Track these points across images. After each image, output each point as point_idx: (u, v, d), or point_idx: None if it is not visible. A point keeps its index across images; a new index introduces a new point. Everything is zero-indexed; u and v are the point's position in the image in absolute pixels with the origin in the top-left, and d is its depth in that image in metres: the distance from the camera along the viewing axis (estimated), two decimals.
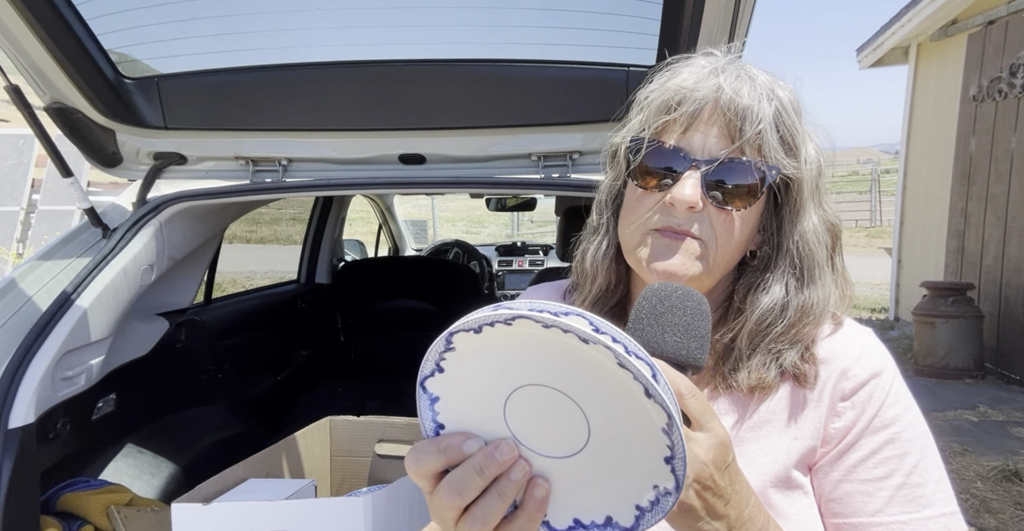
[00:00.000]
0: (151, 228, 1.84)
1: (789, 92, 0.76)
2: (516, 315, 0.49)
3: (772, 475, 0.75)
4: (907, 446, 0.74)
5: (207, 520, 1.34)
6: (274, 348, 3.25)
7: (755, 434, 0.77)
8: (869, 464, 0.74)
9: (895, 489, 0.73)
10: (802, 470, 0.77)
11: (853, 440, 0.75)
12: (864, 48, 8.02)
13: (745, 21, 1.45)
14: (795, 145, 0.75)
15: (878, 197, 19.48)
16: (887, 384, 0.76)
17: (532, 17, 1.74)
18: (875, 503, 0.73)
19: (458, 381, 0.55)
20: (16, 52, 1.57)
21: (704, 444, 0.59)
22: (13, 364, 1.46)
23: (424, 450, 0.54)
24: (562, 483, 0.55)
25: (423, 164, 1.92)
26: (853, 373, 0.77)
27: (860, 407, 0.75)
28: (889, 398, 0.76)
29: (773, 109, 0.73)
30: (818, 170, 0.77)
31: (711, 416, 0.60)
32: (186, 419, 2.34)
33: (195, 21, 1.71)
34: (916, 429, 0.76)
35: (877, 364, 0.77)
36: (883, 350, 0.80)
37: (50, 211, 9.25)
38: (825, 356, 0.79)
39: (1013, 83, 5.45)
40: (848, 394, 0.76)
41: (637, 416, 0.50)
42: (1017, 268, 5.39)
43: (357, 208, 6.61)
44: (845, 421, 0.75)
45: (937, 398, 4.96)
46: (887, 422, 0.75)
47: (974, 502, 3.30)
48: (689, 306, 0.64)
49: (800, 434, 0.76)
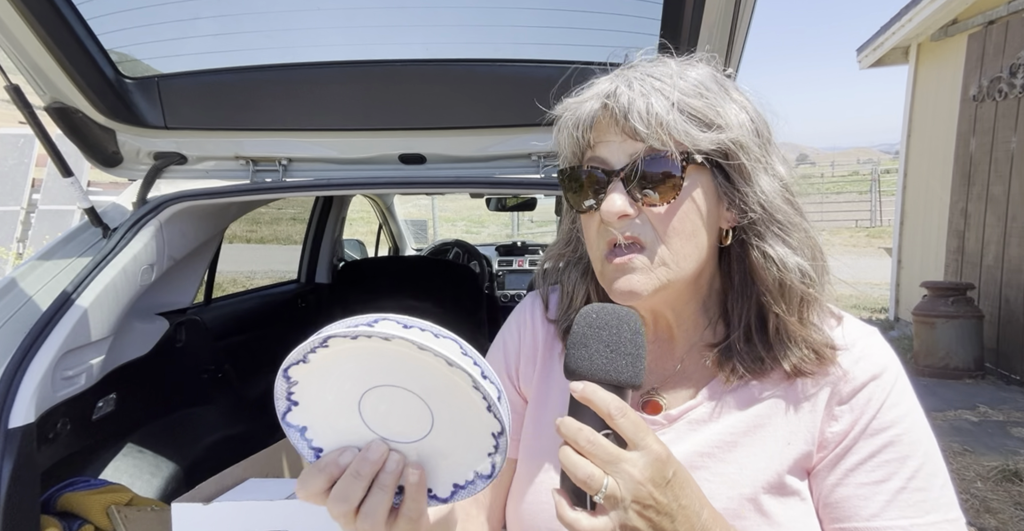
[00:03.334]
0: (151, 228, 1.84)
1: (698, 73, 0.76)
2: (326, 337, 0.59)
3: (764, 481, 0.74)
4: (908, 449, 0.73)
5: (207, 520, 1.34)
6: (274, 348, 3.25)
7: (750, 438, 0.76)
8: (867, 468, 0.73)
9: (894, 493, 0.72)
10: (798, 475, 0.75)
11: (850, 444, 0.74)
12: (864, 48, 8.01)
13: (745, 21, 1.45)
14: (710, 118, 0.73)
15: (878, 197, 19.48)
16: (887, 386, 0.74)
17: (532, 17, 1.74)
18: (872, 507, 0.72)
19: (313, 407, 0.64)
20: (16, 52, 1.57)
21: (639, 463, 0.59)
22: (13, 364, 1.46)
23: (308, 474, 0.62)
24: (433, 460, 0.65)
25: (423, 164, 1.92)
26: (852, 375, 0.75)
27: (858, 410, 0.74)
28: (889, 400, 0.74)
29: (665, 97, 0.72)
30: (754, 131, 0.76)
31: (644, 433, 0.60)
32: (186, 419, 2.34)
33: (195, 21, 1.71)
34: (918, 432, 0.74)
35: (877, 365, 0.75)
36: (886, 351, 0.77)
37: (50, 211, 9.25)
38: None
39: (1013, 83, 5.45)
40: (846, 397, 0.75)
41: (462, 399, 0.61)
42: (1017, 268, 5.38)
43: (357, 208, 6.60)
44: (842, 425, 0.74)
45: (937, 398, 4.96)
46: (886, 424, 0.73)
47: (974, 502, 3.30)
48: (615, 326, 0.65)
49: (794, 439, 0.75)
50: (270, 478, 1.66)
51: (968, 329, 5.41)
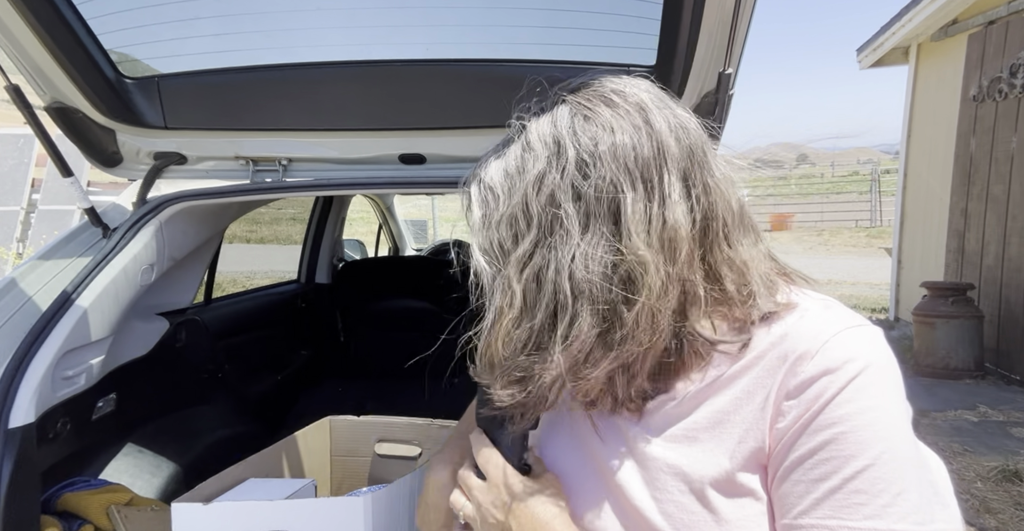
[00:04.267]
0: (151, 228, 1.84)
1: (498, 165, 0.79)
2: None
3: (712, 478, 0.72)
4: (855, 449, 0.66)
5: (207, 519, 1.34)
6: (274, 348, 3.25)
7: (709, 434, 0.74)
8: (807, 465, 0.68)
9: (828, 492, 0.67)
10: (751, 474, 0.72)
11: (792, 439, 0.69)
12: (864, 48, 8.01)
13: (745, 20, 1.45)
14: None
15: (878, 197, 19.50)
16: (842, 381, 0.68)
17: (532, 17, 1.74)
18: (802, 504, 0.68)
19: None
20: (16, 52, 1.57)
21: (483, 490, 0.81)
22: (13, 364, 1.46)
23: None
24: None
25: (423, 164, 1.92)
26: (803, 369, 0.70)
27: (805, 405, 0.69)
28: (842, 396, 0.67)
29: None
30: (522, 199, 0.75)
31: (490, 466, 0.81)
32: (186, 419, 2.34)
33: (195, 21, 1.71)
34: (875, 434, 0.67)
35: (836, 360, 0.69)
36: (856, 346, 0.70)
37: (50, 211, 9.26)
38: (779, 342, 0.73)
39: (1013, 83, 5.45)
40: (794, 392, 0.70)
41: None
42: (1017, 268, 5.38)
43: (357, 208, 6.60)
44: (788, 420, 0.70)
45: (937, 398, 4.96)
46: (832, 421, 0.67)
47: (974, 502, 3.30)
48: None
49: (748, 436, 0.72)
50: (270, 478, 1.66)
51: (968, 329, 5.40)
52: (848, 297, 9.76)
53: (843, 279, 11.45)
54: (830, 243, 17.14)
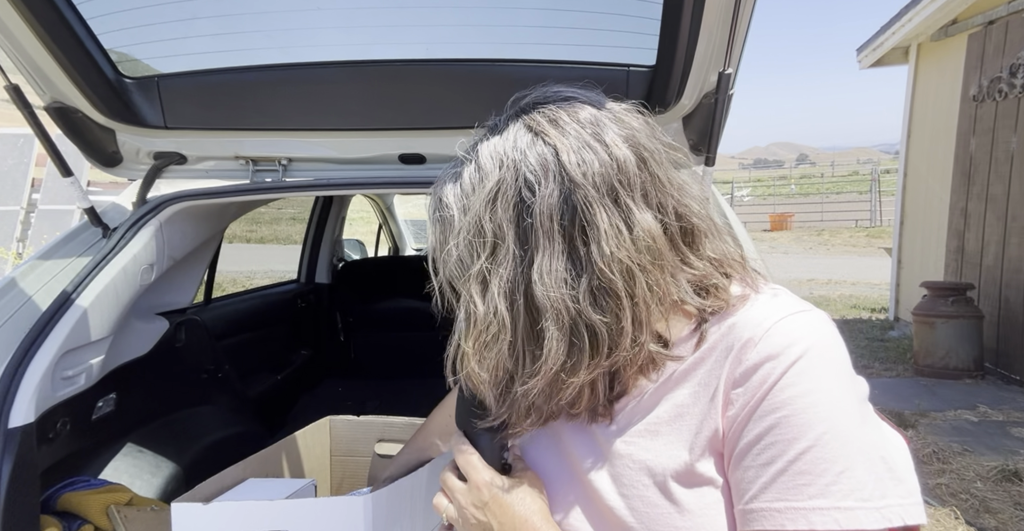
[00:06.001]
0: (151, 228, 1.84)
1: (477, 159, 0.79)
2: None
3: (673, 470, 0.74)
4: (797, 431, 0.68)
5: (207, 519, 1.34)
6: (274, 348, 3.25)
7: (670, 427, 0.76)
8: (755, 450, 0.70)
9: (774, 475, 0.68)
10: (708, 463, 0.74)
11: (741, 426, 0.71)
12: (864, 48, 8.01)
13: (745, 21, 1.45)
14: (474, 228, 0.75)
15: (878, 197, 19.51)
16: (783, 366, 0.69)
17: (532, 17, 1.74)
18: (753, 489, 0.70)
19: None
20: (16, 52, 1.57)
21: (463, 492, 0.82)
22: (13, 364, 1.46)
23: None
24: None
25: (423, 164, 1.92)
26: (747, 357, 0.71)
27: (751, 392, 0.70)
28: (784, 380, 0.69)
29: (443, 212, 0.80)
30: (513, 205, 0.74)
31: (470, 468, 0.82)
32: (186, 419, 2.34)
33: (195, 21, 1.71)
34: (816, 415, 0.68)
35: (777, 346, 0.70)
36: (797, 331, 0.71)
37: (50, 210, 9.25)
38: (728, 332, 0.74)
39: (1013, 83, 5.45)
40: (740, 380, 0.71)
41: None
42: (1017, 268, 5.39)
43: (357, 208, 6.60)
44: (736, 408, 0.71)
45: (937, 398, 4.96)
46: (776, 406, 0.69)
47: (974, 502, 3.30)
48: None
49: (703, 427, 0.74)
50: (270, 478, 1.66)
51: (968, 329, 5.41)
52: (848, 297, 9.76)
53: (843, 279, 11.43)
54: (830, 243, 17.14)
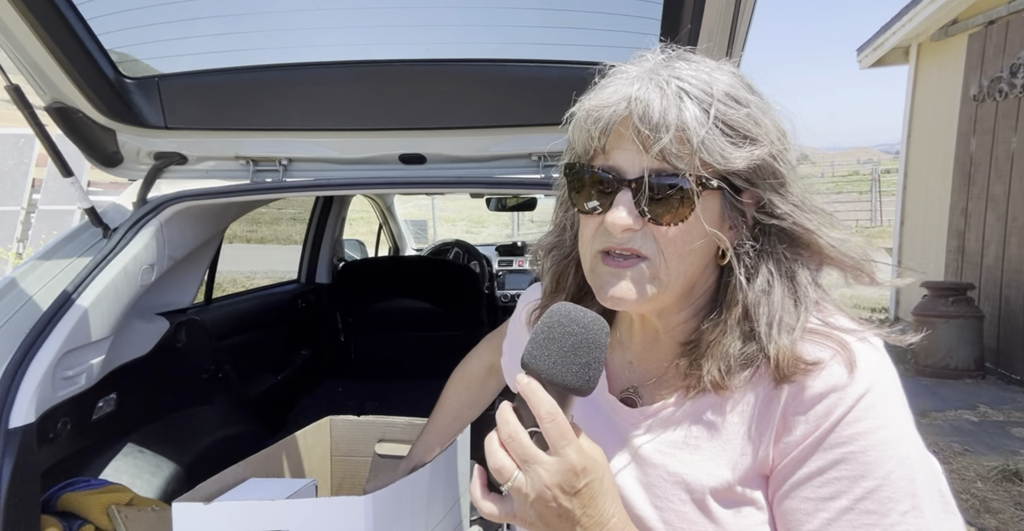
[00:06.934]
0: (151, 228, 1.84)
1: (729, 78, 0.72)
2: None
3: (712, 487, 0.73)
4: (864, 469, 0.67)
5: (208, 519, 1.34)
6: (274, 348, 3.25)
7: (711, 444, 0.74)
8: (815, 483, 0.69)
9: (839, 512, 0.67)
10: (752, 484, 0.73)
11: (802, 456, 0.70)
12: (864, 48, 8.01)
13: (745, 21, 1.45)
14: (747, 131, 0.69)
15: (878, 197, 19.48)
16: (851, 399, 0.68)
17: (532, 17, 1.74)
18: (813, 523, 0.68)
19: None
20: (16, 52, 1.57)
21: (551, 468, 0.63)
22: (13, 364, 1.46)
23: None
24: None
25: (423, 164, 1.92)
26: (810, 383, 0.70)
27: (814, 422, 0.69)
28: (852, 415, 0.68)
29: (703, 110, 0.68)
30: (782, 143, 0.73)
31: (566, 443, 0.63)
32: (186, 419, 2.34)
33: (195, 21, 1.71)
34: (883, 453, 0.67)
35: (842, 376, 0.69)
36: (863, 363, 0.70)
37: (50, 211, 9.26)
38: None
39: (1013, 83, 5.45)
40: (803, 408, 0.70)
41: None
42: (1017, 268, 5.38)
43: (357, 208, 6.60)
44: (796, 435, 0.70)
45: (937, 398, 4.96)
46: (843, 440, 0.68)
47: (974, 502, 3.30)
48: (579, 333, 0.65)
49: (751, 448, 0.72)
50: (270, 478, 1.66)
51: (968, 329, 5.41)
52: (848, 297, 9.76)
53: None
54: None
